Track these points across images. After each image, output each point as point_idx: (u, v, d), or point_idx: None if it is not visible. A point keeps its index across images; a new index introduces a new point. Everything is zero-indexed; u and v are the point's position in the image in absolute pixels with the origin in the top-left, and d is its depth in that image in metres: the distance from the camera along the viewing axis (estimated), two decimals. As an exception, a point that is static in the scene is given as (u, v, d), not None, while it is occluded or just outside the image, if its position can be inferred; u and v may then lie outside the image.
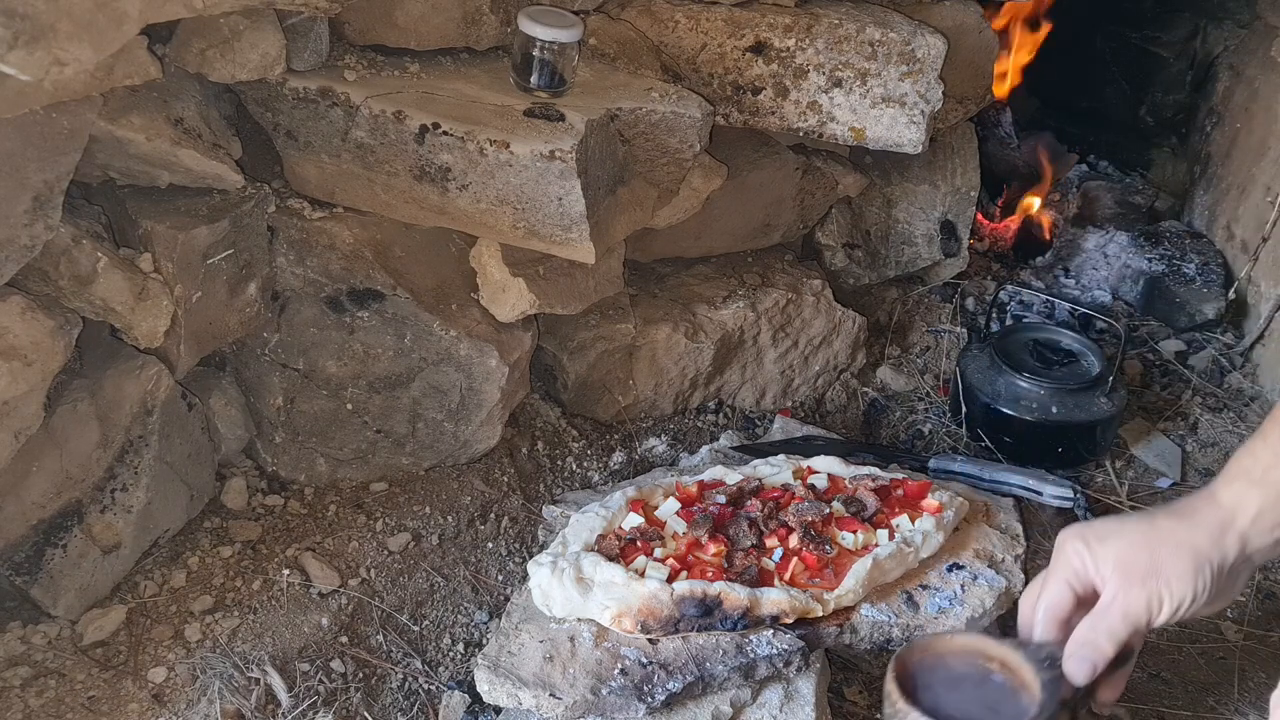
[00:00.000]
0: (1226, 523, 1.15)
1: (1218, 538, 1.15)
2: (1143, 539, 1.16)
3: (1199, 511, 1.16)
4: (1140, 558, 1.15)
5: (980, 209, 2.46)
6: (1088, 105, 3.00)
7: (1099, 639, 1.16)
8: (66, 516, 1.45)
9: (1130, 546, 1.16)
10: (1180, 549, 1.14)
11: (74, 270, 1.38)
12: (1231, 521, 1.15)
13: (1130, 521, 1.19)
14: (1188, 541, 1.14)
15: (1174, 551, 1.14)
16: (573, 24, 1.65)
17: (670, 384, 2.00)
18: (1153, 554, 1.14)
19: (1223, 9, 2.76)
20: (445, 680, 1.49)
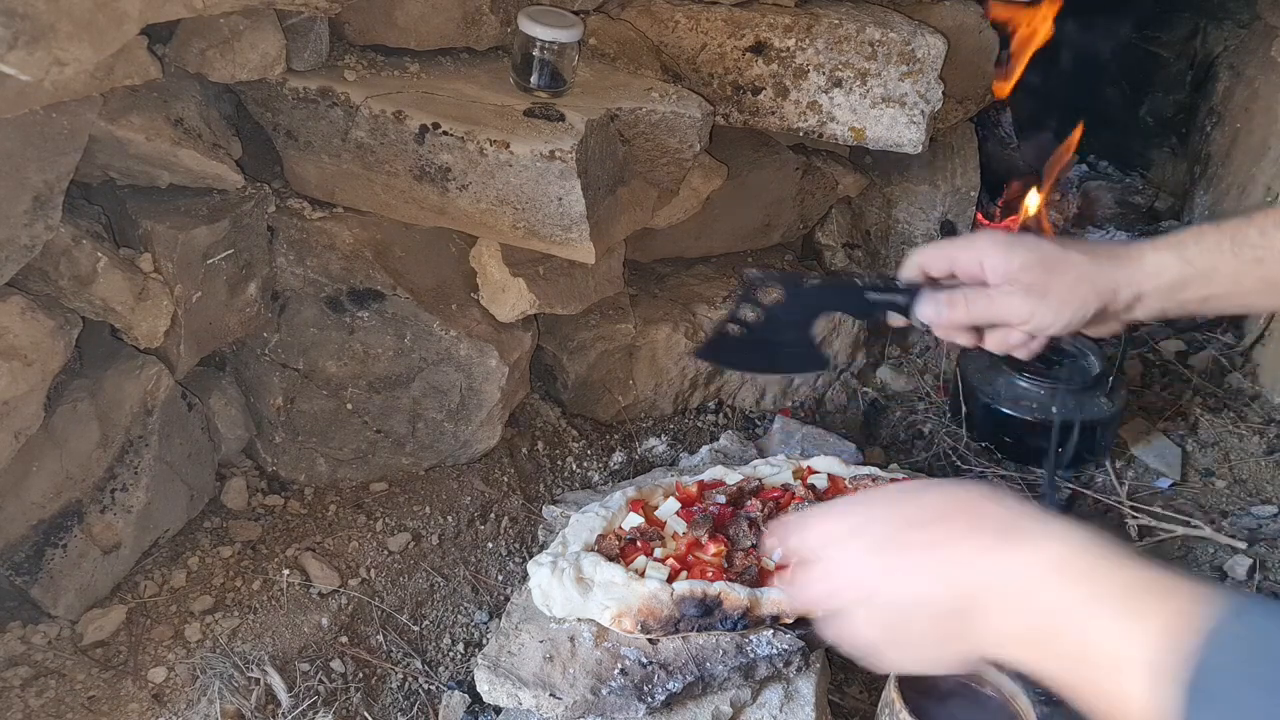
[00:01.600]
0: (1136, 280, 1.21)
1: (1118, 287, 1.21)
2: (1049, 262, 1.22)
3: (1118, 260, 1.22)
4: (1039, 278, 1.21)
5: (980, 209, 2.46)
6: (1088, 105, 3.00)
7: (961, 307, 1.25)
8: (66, 516, 1.45)
9: (1036, 264, 1.22)
10: (1078, 284, 1.21)
11: (74, 270, 1.38)
12: (1141, 282, 1.21)
13: (1047, 244, 1.24)
14: (1089, 279, 1.21)
15: (1072, 284, 1.21)
16: (573, 24, 1.65)
17: (670, 384, 2.00)
18: (1050, 278, 1.21)
19: (1223, 9, 2.76)
20: (445, 680, 1.49)
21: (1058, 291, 1.21)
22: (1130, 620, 0.74)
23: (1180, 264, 1.18)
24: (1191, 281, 1.19)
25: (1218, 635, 0.70)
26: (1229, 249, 1.17)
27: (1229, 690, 0.68)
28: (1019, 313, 1.22)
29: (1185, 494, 2.03)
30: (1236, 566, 1.87)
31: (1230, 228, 1.17)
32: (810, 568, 0.95)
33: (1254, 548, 1.90)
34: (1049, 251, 1.22)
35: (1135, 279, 1.20)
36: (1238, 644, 0.69)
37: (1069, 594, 0.78)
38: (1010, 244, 1.24)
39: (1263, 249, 1.15)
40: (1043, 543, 0.83)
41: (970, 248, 1.26)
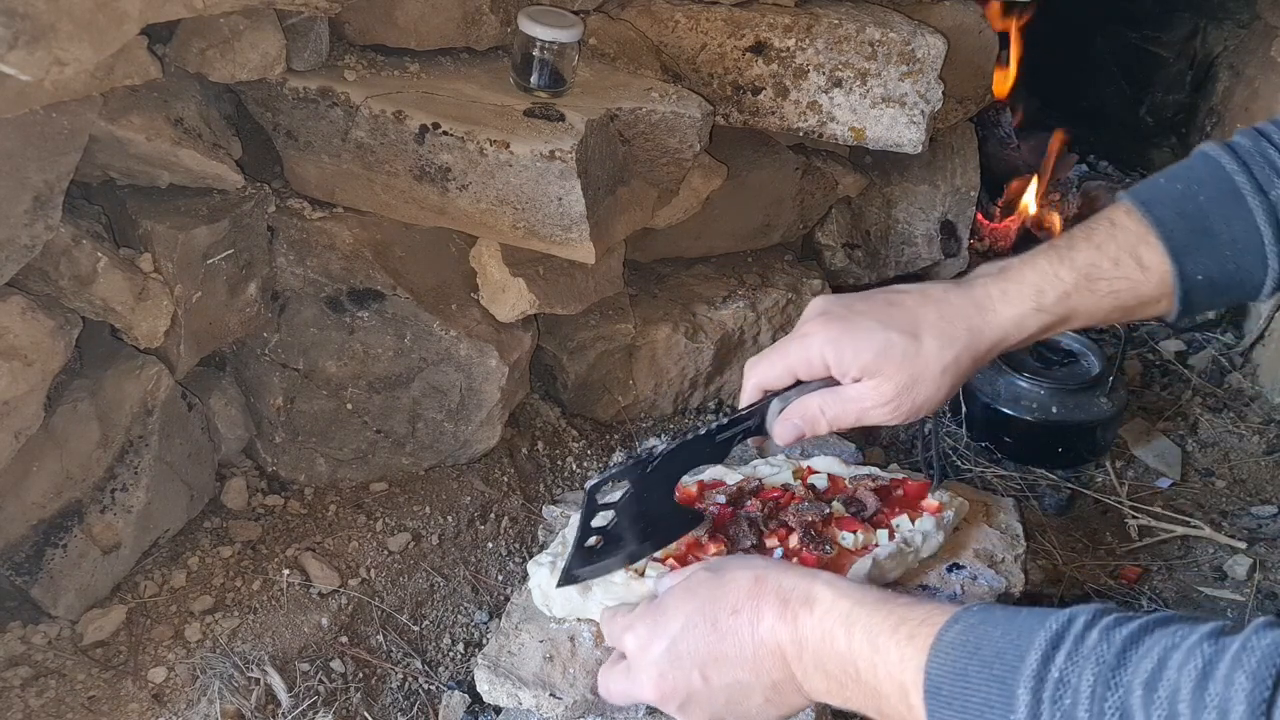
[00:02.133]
0: (998, 345, 1.15)
1: (982, 357, 1.16)
2: (905, 360, 1.14)
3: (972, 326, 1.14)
4: (903, 372, 1.14)
5: (980, 209, 2.46)
6: (1088, 105, 3.00)
7: (821, 420, 1.19)
8: (66, 516, 1.45)
9: (897, 359, 1.14)
10: (945, 374, 1.14)
11: (74, 270, 1.38)
12: (1005, 341, 1.15)
13: (897, 332, 1.14)
14: (954, 367, 1.14)
15: (939, 374, 1.14)
16: (573, 24, 1.65)
17: (670, 384, 2.00)
18: (914, 375, 1.14)
19: (1223, 9, 2.76)
20: (445, 680, 1.49)
21: (920, 385, 1.15)
22: (901, 649, 0.87)
23: (1039, 316, 1.14)
24: (1049, 327, 1.16)
25: (938, 645, 0.85)
26: (1085, 288, 1.13)
27: (945, 685, 0.83)
28: (885, 415, 1.17)
29: (1185, 494, 2.04)
30: (1236, 566, 1.87)
31: (1083, 260, 1.12)
32: (633, 669, 1.07)
33: (1254, 548, 1.90)
34: (895, 340, 1.14)
35: (995, 339, 1.15)
36: (950, 648, 0.84)
37: (855, 642, 0.91)
38: (848, 337, 1.16)
39: (1117, 280, 1.12)
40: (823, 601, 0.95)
41: (805, 349, 1.18)
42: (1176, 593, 1.83)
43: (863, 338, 1.15)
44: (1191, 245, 1.10)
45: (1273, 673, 0.69)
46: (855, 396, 1.17)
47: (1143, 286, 1.12)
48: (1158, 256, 1.11)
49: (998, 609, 0.87)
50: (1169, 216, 1.11)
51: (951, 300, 1.16)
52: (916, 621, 0.88)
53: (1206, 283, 1.11)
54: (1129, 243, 1.12)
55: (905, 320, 1.15)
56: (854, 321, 1.17)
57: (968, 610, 0.87)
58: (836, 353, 1.16)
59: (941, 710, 0.84)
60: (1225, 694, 0.70)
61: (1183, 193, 1.12)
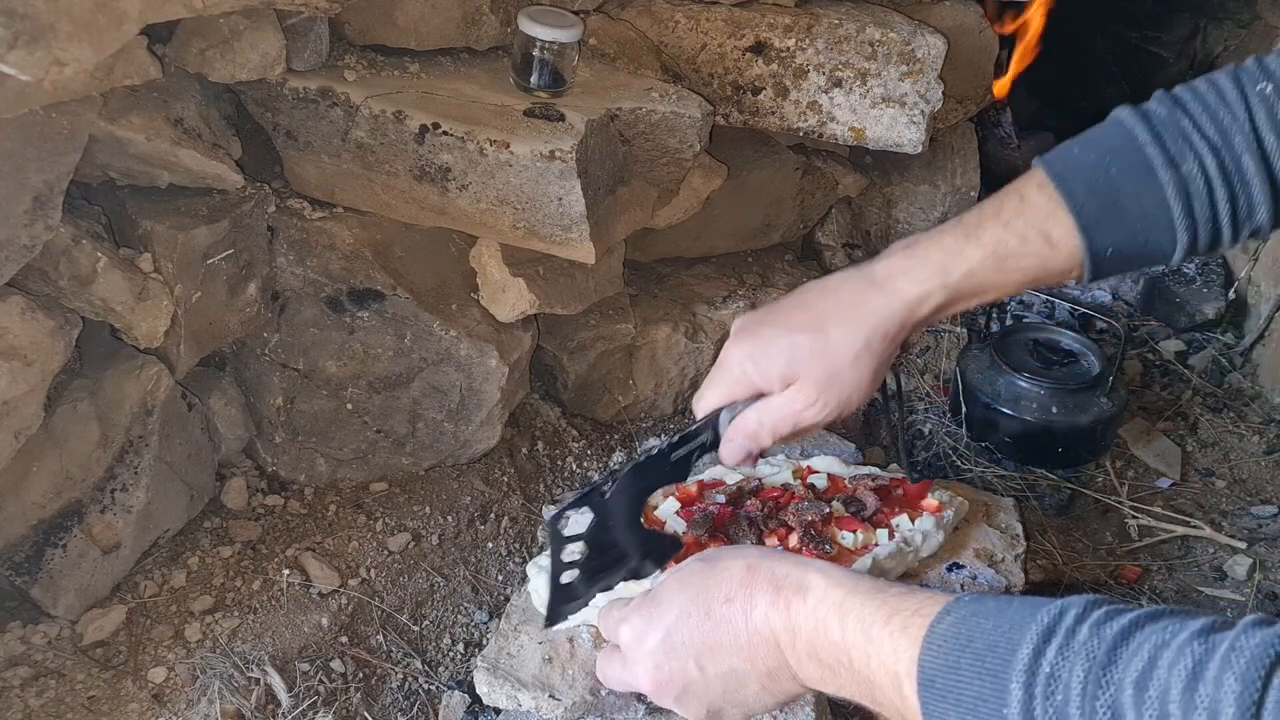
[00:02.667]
0: (908, 322, 1.16)
1: (895, 336, 1.16)
2: (818, 352, 1.16)
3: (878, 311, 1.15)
4: (816, 370, 1.16)
5: (980, 209, 2.46)
6: (1088, 105, 3.00)
7: (762, 433, 1.20)
8: (66, 516, 1.45)
9: (806, 360, 1.16)
10: (859, 361, 1.15)
11: (74, 270, 1.38)
12: (912, 317, 1.16)
13: (800, 332, 1.16)
14: (866, 352, 1.15)
15: (852, 363, 1.15)
16: (573, 24, 1.65)
17: (670, 384, 2.00)
18: (828, 370, 1.16)
19: (1223, 9, 2.76)
20: (445, 680, 1.49)
21: (839, 378, 1.16)
22: (895, 640, 0.87)
23: (944, 292, 1.15)
24: (956, 302, 1.16)
25: (930, 636, 0.85)
26: (992, 266, 1.13)
27: (939, 678, 0.83)
28: (816, 415, 1.18)
29: (1185, 494, 2.04)
30: (1236, 566, 1.87)
31: (990, 237, 1.13)
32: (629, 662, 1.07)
33: (1254, 548, 1.90)
34: (800, 341, 1.16)
35: (902, 318, 1.16)
36: (942, 640, 0.84)
37: (848, 631, 0.91)
38: (760, 350, 1.18)
39: (1025, 257, 1.12)
40: (817, 590, 0.95)
41: (728, 371, 1.20)
42: (1176, 593, 1.83)
43: (772, 347, 1.17)
44: (1102, 220, 1.11)
45: (1261, 674, 0.69)
46: (783, 404, 1.18)
47: (1051, 262, 1.13)
48: (1067, 232, 1.11)
49: (990, 599, 0.87)
50: (1080, 190, 1.11)
51: (850, 286, 1.18)
52: (909, 612, 0.89)
53: (1116, 255, 1.12)
54: (1038, 219, 1.12)
55: (808, 319, 1.17)
56: (762, 333, 1.19)
57: (960, 601, 0.87)
58: (755, 367, 1.18)
59: (936, 703, 0.84)
60: (1215, 695, 0.70)
61: (1095, 164, 1.12)
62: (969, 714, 0.81)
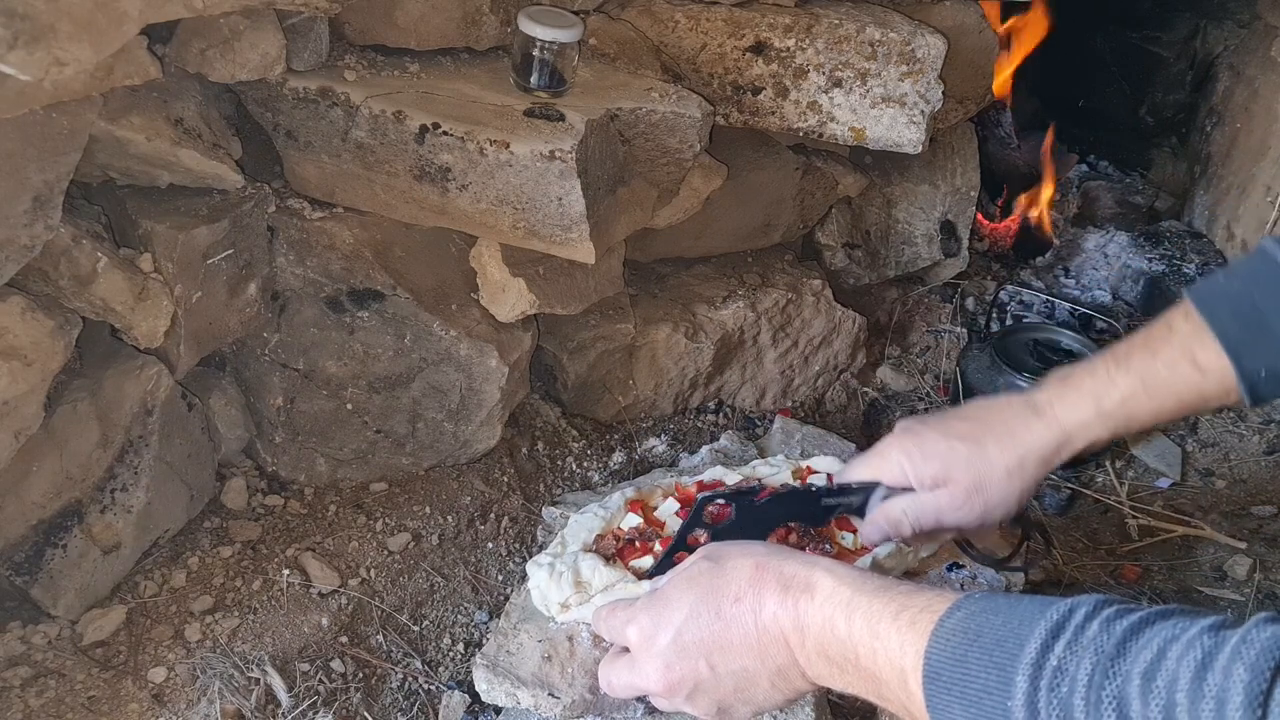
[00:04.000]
0: (1062, 449, 1.23)
1: (1048, 460, 1.23)
2: (969, 465, 1.23)
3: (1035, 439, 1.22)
4: (969, 477, 1.23)
5: (980, 209, 2.46)
6: (1088, 105, 3.00)
7: (904, 523, 1.27)
8: (66, 516, 1.45)
9: (961, 466, 1.23)
10: (1011, 477, 1.22)
11: (74, 270, 1.38)
12: (1068, 446, 1.23)
13: (960, 441, 1.24)
14: (1018, 471, 1.22)
15: (1004, 478, 1.22)
16: (573, 24, 1.65)
17: (670, 384, 2.00)
18: (979, 479, 1.23)
19: (1223, 9, 2.76)
20: (445, 680, 1.49)
21: (987, 488, 1.23)
22: (902, 636, 0.89)
23: (1100, 420, 1.21)
24: (1111, 431, 1.22)
25: (938, 631, 0.87)
26: (1142, 394, 1.19)
27: (945, 671, 0.85)
28: (958, 517, 1.25)
29: (1185, 494, 2.04)
30: (1236, 566, 1.87)
31: (1139, 366, 1.19)
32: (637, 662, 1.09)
33: (1254, 548, 1.90)
34: (958, 449, 1.23)
35: (1058, 443, 1.22)
36: (950, 634, 0.86)
37: (855, 628, 0.93)
38: (919, 450, 1.26)
39: (1174, 382, 1.18)
40: (824, 588, 0.97)
41: (885, 462, 1.29)
42: (1176, 593, 1.83)
43: (930, 449, 1.25)
44: (1248, 342, 1.15)
45: (1271, 665, 0.70)
46: (931, 502, 1.26)
47: (1203, 386, 1.17)
48: (1214, 356, 1.16)
49: (1000, 597, 0.88)
50: (1224, 314, 1.15)
51: (1014, 409, 1.26)
52: (918, 609, 0.90)
53: (1270, 376, 1.15)
54: (1184, 345, 1.17)
55: (970, 430, 1.25)
56: (925, 435, 1.27)
57: (969, 598, 0.88)
58: (910, 464, 1.26)
59: (940, 695, 0.85)
60: (1224, 684, 0.70)
61: (1239, 291, 1.16)
62: (973, 706, 0.82)
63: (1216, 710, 0.70)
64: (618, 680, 1.11)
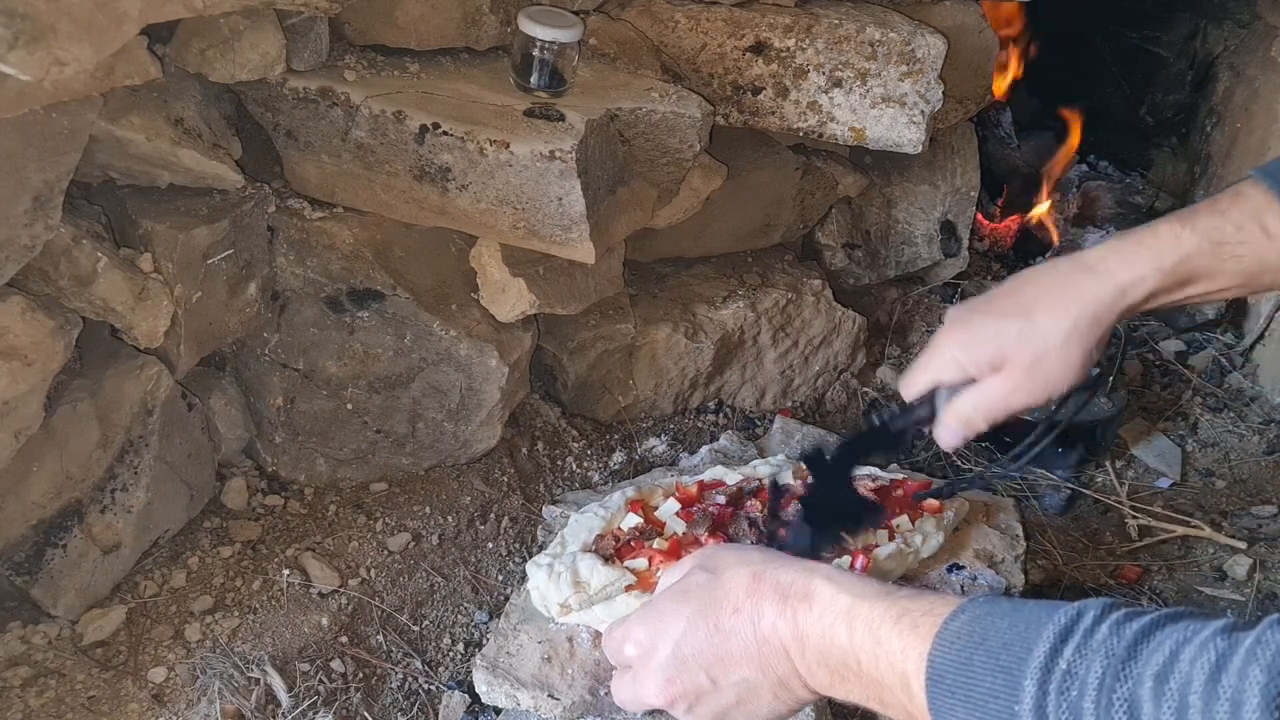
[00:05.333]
0: (1118, 305, 1.17)
1: (1105, 320, 1.18)
2: (1022, 342, 1.18)
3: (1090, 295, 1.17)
4: (1023, 355, 1.17)
5: (980, 209, 2.46)
6: (1088, 105, 3.00)
7: (976, 418, 1.22)
8: (66, 516, 1.45)
9: (1014, 345, 1.18)
10: (1068, 344, 1.17)
11: (74, 270, 1.38)
12: (1123, 300, 1.17)
13: (1008, 318, 1.19)
14: (1075, 335, 1.17)
15: (1060, 347, 1.17)
16: (573, 24, 1.65)
17: (670, 384, 2.00)
18: (1036, 353, 1.17)
19: (1223, 9, 2.76)
20: (445, 680, 1.49)
21: (1046, 360, 1.18)
22: (904, 640, 0.88)
23: (1158, 275, 1.16)
24: (1169, 289, 1.17)
25: (942, 634, 0.86)
26: (1208, 252, 1.14)
27: (949, 674, 0.84)
28: (1024, 399, 1.20)
29: (1185, 494, 2.04)
30: (1236, 566, 1.87)
31: (1205, 224, 1.15)
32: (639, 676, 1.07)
33: (1254, 548, 1.90)
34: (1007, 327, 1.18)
35: (1111, 300, 1.17)
36: (955, 638, 0.85)
37: (856, 635, 0.92)
38: (969, 337, 1.21)
39: (1240, 245, 1.14)
40: (823, 596, 0.96)
41: (940, 358, 1.23)
42: (1177, 593, 1.83)
43: (980, 334, 1.20)
44: None
45: None
46: (993, 389, 1.20)
47: (1266, 253, 1.14)
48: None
49: (1004, 601, 0.87)
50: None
51: (1061, 271, 1.19)
52: (920, 612, 0.89)
53: None
54: (1254, 210, 1.13)
55: (1015, 305, 1.19)
56: (971, 320, 1.22)
57: (973, 601, 0.87)
58: (965, 354, 1.21)
59: (944, 699, 0.84)
60: (1239, 686, 0.70)
61: None
62: (978, 710, 0.81)
63: (1232, 712, 0.69)
64: (624, 696, 1.11)
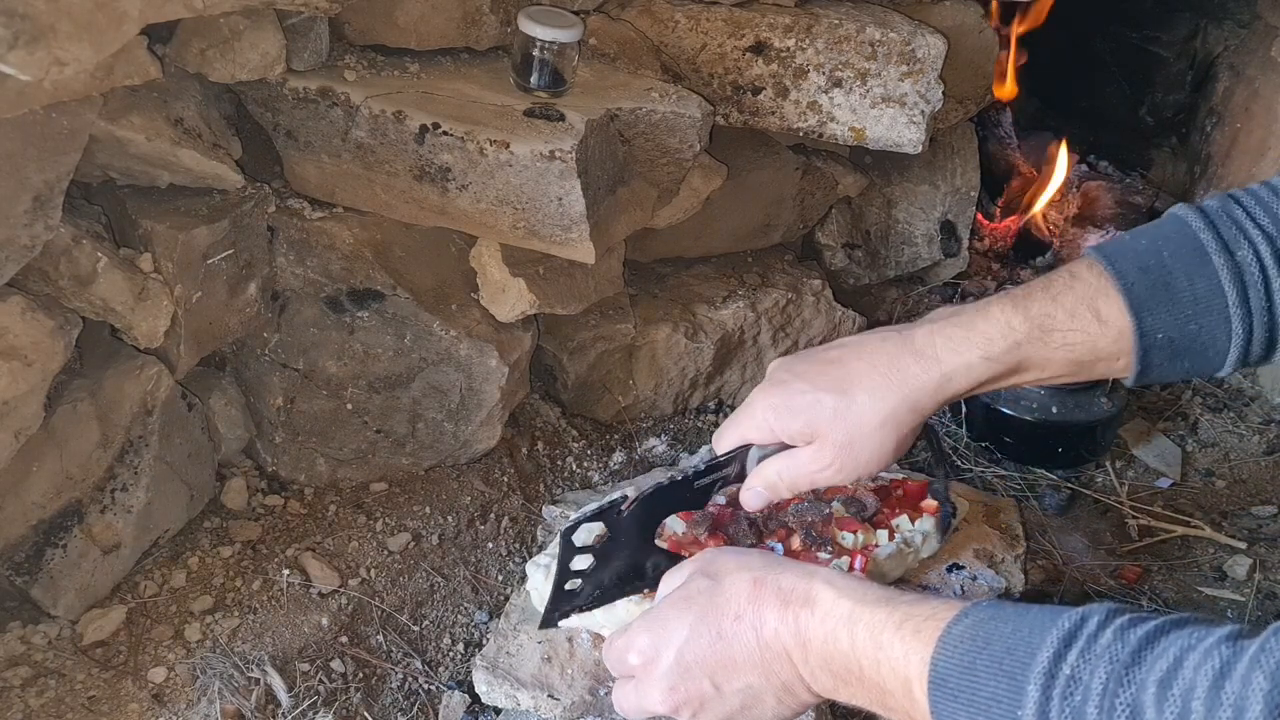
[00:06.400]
0: (941, 394, 1.14)
1: (925, 408, 1.14)
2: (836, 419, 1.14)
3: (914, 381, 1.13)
4: (837, 433, 1.14)
5: (980, 209, 2.46)
6: (1088, 105, 3.00)
7: (780, 486, 1.21)
8: (66, 516, 1.45)
9: (828, 421, 1.14)
10: (884, 429, 1.14)
11: (74, 270, 1.38)
12: (947, 388, 1.13)
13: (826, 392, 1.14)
14: (891, 421, 1.13)
15: (875, 430, 1.14)
16: (573, 24, 1.65)
17: (670, 384, 2.00)
18: (849, 434, 1.14)
19: (1223, 9, 2.76)
20: (445, 680, 1.50)
21: (858, 443, 1.14)
22: (906, 644, 0.88)
23: (987, 365, 1.12)
24: (999, 377, 1.14)
25: (945, 638, 0.86)
26: (1039, 339, 1.11)
27: (952, 678, 0.84)
28: (831, 477, 1.18)
29: (1185, 494, 2.03)
30: (1236, 566, 1.87)
31: (1038, 310, 1.11)
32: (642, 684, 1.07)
33: (1254, 548, 1.90)
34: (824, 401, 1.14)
35: (935, 388, 1.13)
36: (958, 642, 0.85)
37: (858, 640, 0.92)
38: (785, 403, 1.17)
39: (1071, 332, 1.11)
40: (824, 601, 0.96)
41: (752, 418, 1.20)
42: (1176, 593, 1.83)
43: (796, 402, 1.16)
44: (1152, 301, 1.09)
45: None
46: (802, 462, 1.18)
47: (1099, 340, 1.11)
48: (1117, 310, 1.09)
49: (1007, 605, 0.87)
50: (1131, 270, 1.09)
51: (888, 349, 1.15)
52: (922, 617, 0.89)
53: (1166, 342, 1.09)
54: (1087, 294, 1.10)
55: (837, 379, 1.15)
56: (790, 386, 1.18)
57: (976, 606, 0.87)
58: (777, 419, 1.18)
59: (946, 703, 0.84)
60: (1242, 693, 0.69)
61: (1147, 248, 1.11)
62: (980, 714, 0.81)
63: (1235, 719, 0.69)
64: (627, 704, 1.11)
